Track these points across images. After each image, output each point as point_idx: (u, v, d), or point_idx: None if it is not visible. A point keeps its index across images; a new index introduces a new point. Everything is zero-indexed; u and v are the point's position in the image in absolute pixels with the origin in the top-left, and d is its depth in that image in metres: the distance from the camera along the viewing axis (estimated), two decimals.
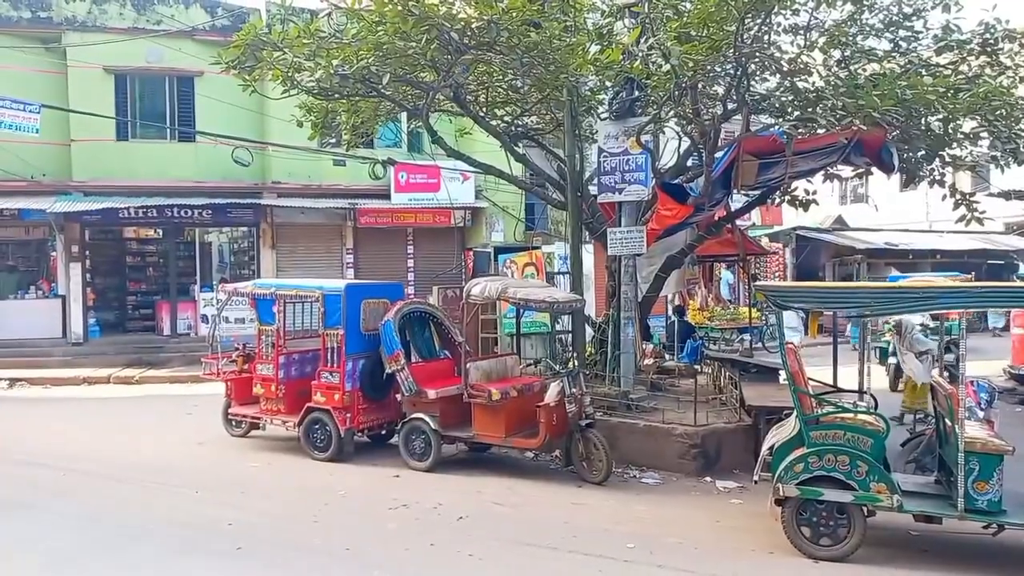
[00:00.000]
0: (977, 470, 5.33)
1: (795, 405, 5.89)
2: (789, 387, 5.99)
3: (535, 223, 18.98)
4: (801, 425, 5.80)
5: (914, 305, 5.99)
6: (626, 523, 6.50)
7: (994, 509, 5.33)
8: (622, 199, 9.51)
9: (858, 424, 5.72)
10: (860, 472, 5.53)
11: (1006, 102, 8.51)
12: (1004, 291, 6.15)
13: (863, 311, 6.10)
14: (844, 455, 5.60)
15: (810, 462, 5.65)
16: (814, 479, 5.63)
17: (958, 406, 5.39)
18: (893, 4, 9.51)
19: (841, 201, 28.69)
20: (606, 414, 8.71)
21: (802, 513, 5.71)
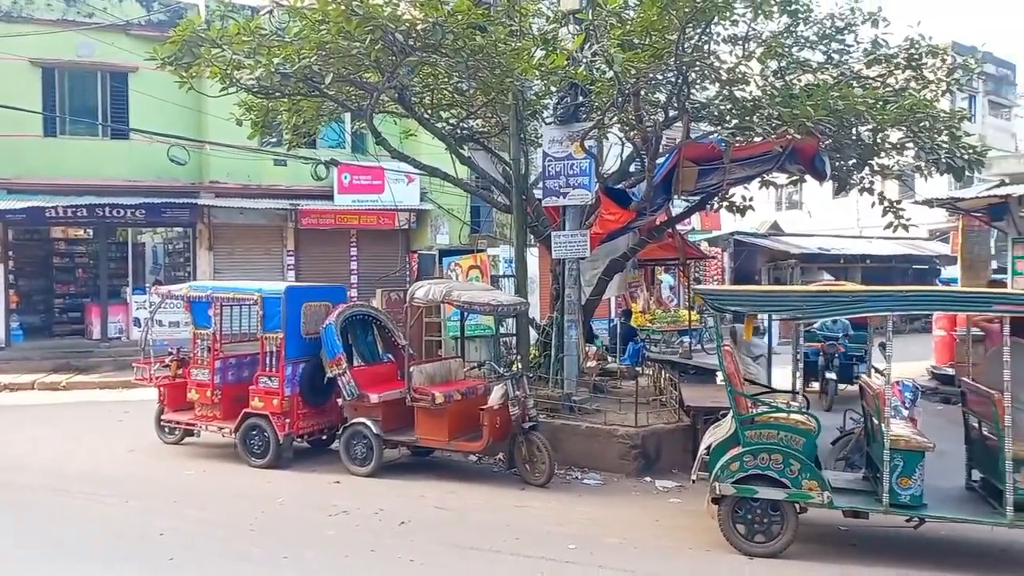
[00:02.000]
0: (901, 466, 5.54)
1: (731, 405, 6.03)
2: (725, 388, 6.12)
3: (480, 226, 18.98)
4: (737, 425, 5.93)
5: (843, 308, 6.19)
6: (568, 524, 6.54)
7: (916, 503, 5.55)
8: (566, 203, 9.59)
9: (791, 423, 5.88)
10: (793, 470, 5.69)
11: (929, 115, 8.94)
12: (926, 295, 6.44)
13: (795, 314, 6.30)
14: (778, 454, 5.75)
15: (745, 461, 5.78)
16: (749, 477, 5.76)
17: (884, 405, 5.60)
18: (826, 18, 9.87)
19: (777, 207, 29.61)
20: (549, 416, 8.76)
21: (737, 511, 5.84)
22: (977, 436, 6.06)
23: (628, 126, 10.38)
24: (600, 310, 15.16)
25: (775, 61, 9.56)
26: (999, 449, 5.35)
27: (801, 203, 30.15)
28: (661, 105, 9.78)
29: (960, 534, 6.10)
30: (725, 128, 9.45)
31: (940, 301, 6.44)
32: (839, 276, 23.47)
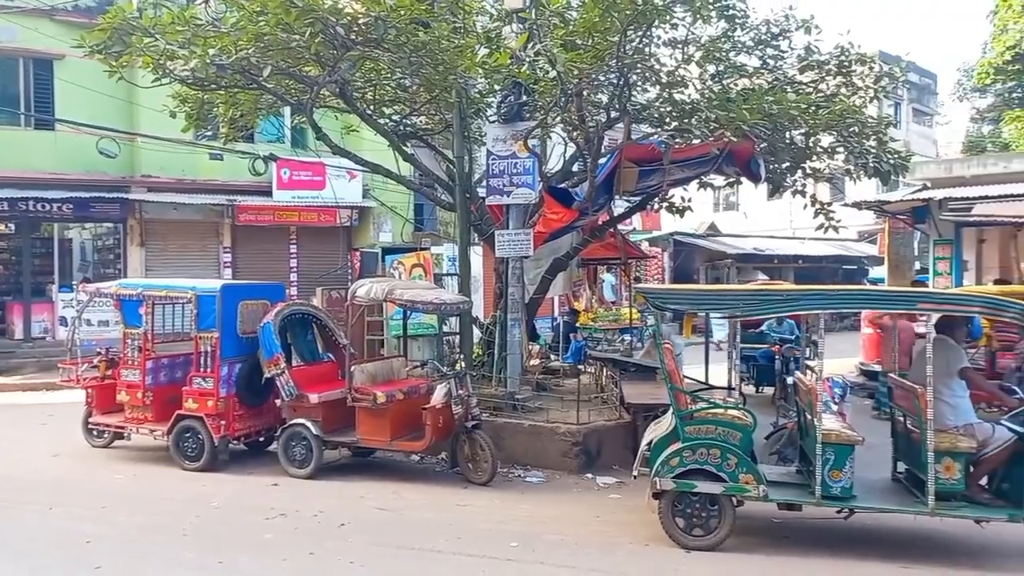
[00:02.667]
0: (832, 460, 5.71)
1: (671, 401, 6.12)
2: (666, 384, 6.21)
3: (424, 224, 18.86)
4: (676, 421, 6.03)
5: (778, 306, 6.36)
6: (510, 522, 6.56)
7: (846, 495, 5.72)
8: (510, 202, 9.61)
9: (728, 419, 6.00)
10: (730, 464, 5.80)
11: (858, 120, 9.28)
12: (855, 294, 6.70)
13: (733, 312, 6.46)
14: (716, 448, 5.86)
15: (684, 456, 5.88)
16: (688, 472, 5.86)
17: (816, 401, 5.79)
18: (762, 24, 10.14)
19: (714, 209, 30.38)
20: (492, 415, 8.76)
21: (677, 505, 5.93)
22: (902, 430, 6.30)
23: (571, 126, 10.46)
24: (543, 309, 15.25)
25: (713, 65, 9.77)
26: (922, 442, 5.58)
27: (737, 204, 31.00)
28: (603, 106, 9.89)
29: (887, 524, 6.34)
30: (665, 130, 9.62)
31: (868, 300, 6.71)
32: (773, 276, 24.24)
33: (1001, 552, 5.85)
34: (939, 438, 5.53)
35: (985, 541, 5.96)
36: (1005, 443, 5.57)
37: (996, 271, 14.04)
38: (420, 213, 19.00)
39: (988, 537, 5.95)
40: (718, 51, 9.38)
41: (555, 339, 14.41)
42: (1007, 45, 18.57)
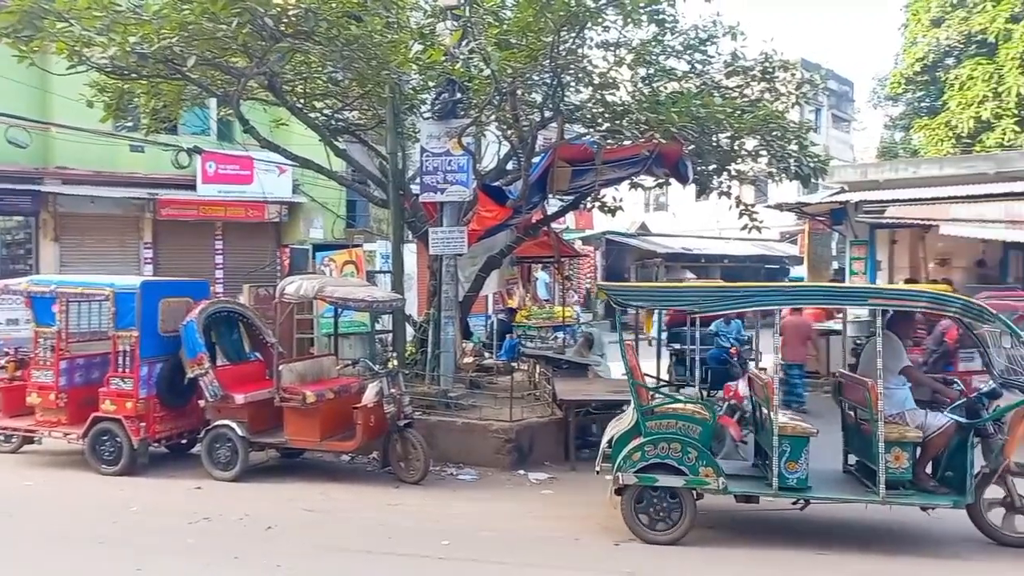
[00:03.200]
0: (788, 452, 5.80)
1: (633, 397, 6.13)
2: (628, 380, 6.21)
3: (356, 220, 18.58)
4: (638, 416, 6.04)
5: (737, 303, 6.42)
6: (442, 520, 6.54)
7: (802, 486, 5.80)
8: (444, 199, 9.58)
9: (688, 413, 6.06)
10: (690, 458, 5.85)
11: (780, 125, 9.65)
12: (810, 290, 6.93)
13: (693, 308, 6.54)
14: (676, 443, 5.88)
15: (646, 451, 5.91)
16: (650, 467, 5.89)
17: (772, 395, 5.87)
18: (691, 29, 10.40)
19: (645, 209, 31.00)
20: (425, 413, 8.72)
21: (639, 500, 5.96)
22: (852, 422, 6.39)
23: (505, 125, 10.51)
24: (477, 306, 15.25)
25: (643, 68, 9.96)
26: (873, 433, 5.72)
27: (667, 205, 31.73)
28: (537, 105, 9.97)
29: (840, 513, 6.45)
30: (597, 131, 9.78)
31: (821, 295, 6.78)
32: (700, 274, 24.93)
33: (944, 539, 6.05)
34: (888, 428, 5.68)
35: (930, 527, 6.18)
36: (941, 428, 5.79)
37: (907, 270, 14.82)
38: (352, 209, 18.71)
39: (933, 523, 6.16)
40: (648, 54, 9.57)
41: (489, 337, 14.44)
42: (916, 57, 19.61)
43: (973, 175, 13.34)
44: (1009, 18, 17.38)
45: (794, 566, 5.61)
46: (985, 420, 5.82)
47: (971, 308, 5.72)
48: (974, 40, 18.31)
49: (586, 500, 7.16)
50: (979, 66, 17.96)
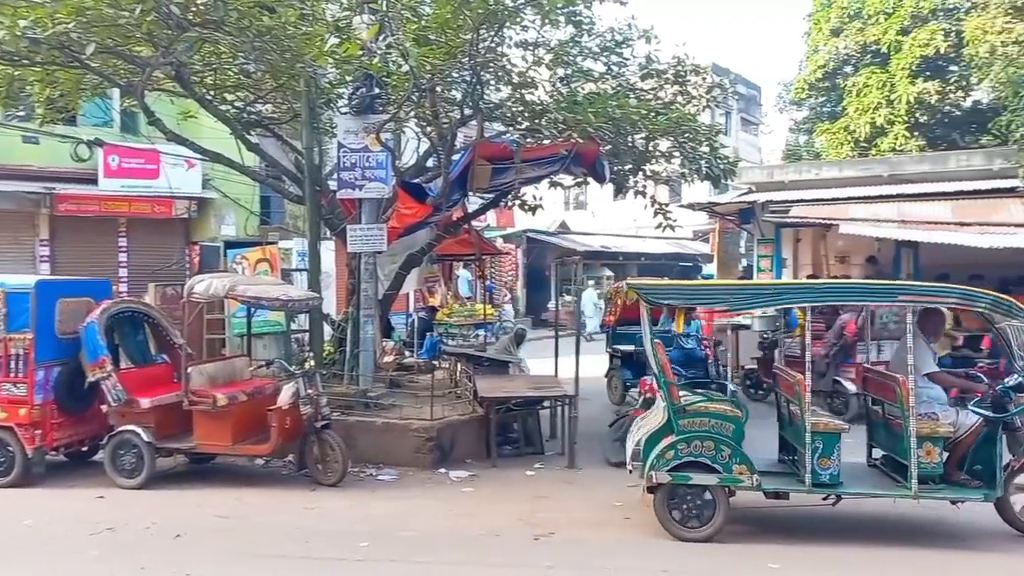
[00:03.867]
0: (821, 448, 5.77)
1: (665, 396, 6.11)
2: (658, 379, 6.16)
3: (271, 217, 18.02)
4: (671, 414, 6.02)
5: (767, 300, 6.43)
6: (361, 522, 6.45)
7: (835, 482, 5.84)
8: (362, 196, 9.43)
9: (721, 411, 6.08)
10: (724, 456, 5.84)
11: (692, 127, 9.97)
12: (840, 287, 6.98)
13: (725, 306, 6.53)
14: (709, 440, 5.89)
15: (679, 449, 5.90)
16: (683, 465, 5.89)
17: (805, 392, 5.86)
18: (607, 31, 10.62)
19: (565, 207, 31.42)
20: (344, 414, 8.57)
21: (672, 498, 5.96)
22: (878, 417, 6.42)
23: (425, 121, 10.43)
24: (399, 305, 15.09)
25: (562, 68, 10.11)
26: (904, 428, 5.74)
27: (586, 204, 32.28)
28: (457, 103, 9.94)
29: (858, 509, 6.42)
30: (517, 129, 9.85)
31: (852, 292, 6.82)
32: (618, 272, 25.47)
33: (977, 533, 6.12)
34: (919, 424, 5.70)
35: (958, 521, 6.25)
36: (972, 427, 5.85)
37: (809, 268, 15.59)
38: (267, 206, 18.13)
39: (961, 517, 6.23)
40: (566, 55, 9.72)
41: (410, 335, 14.31)
42: (818, 64, 20.63)
43: (869, 177, 14.18)
44: (900, 30, 18.52)
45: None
46: (1015, 414, 5.86)
47: (1001, 303, 5.76)
48: (869, 50, 19.42)
49: (507, 496, 7.23)
50: (873, 75, 19.07)
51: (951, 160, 14.17)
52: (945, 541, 6.05)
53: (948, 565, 5.61)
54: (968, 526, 6.24)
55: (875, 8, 19.29)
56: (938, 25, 17.87)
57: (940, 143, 18.53)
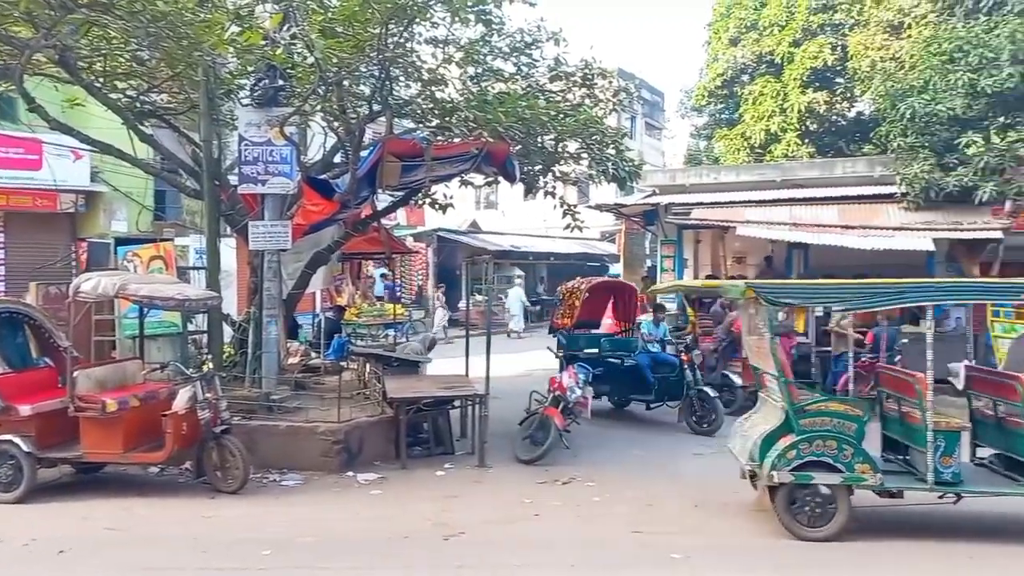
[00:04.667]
0: (943, 446, 5.78)
1: (784, 395, 6.08)
2: (779, 379, 6.09)
3: (166, 212, 17.14)
4: (791, 414, 6.00)
5: (888, 299, 6.39)
6: (264, 529, 6.23)
7: (956, 480, 5.85)
8: (266, 191, 9.10)
9: (842, 410, 6.06)
10: (846, 455, 5.86)
11: (599, 130, 10.17)
12: (963, 286, 6.97)
13: (845, 305, 6.49)
14: (832, 440, 5.89)
15: (801, 449, 5.88)
16: (805, 464, 5.86)
17: (926, 390, 5.85)
18: (517, 32, 10.68)
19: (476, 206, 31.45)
20: (245, 418, 8.26)
21: (794, 498, 5.94)
22: (991, 417, 6.33)
23: (332, 116, 10.17)
24: (305, 304, 14.69)
25: (472, 67, 10.10)
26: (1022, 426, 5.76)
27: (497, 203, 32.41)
28: (365, 98, 9.76)
29: (953, 509, 6.29)
30: (427, 126, 9.76)
31: (975, 291, 6.79)
32: (528, 272, 25.72)
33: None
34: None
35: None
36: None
37: (709, 268, 16.25)
38: (162, 200, 17.23)
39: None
40: (476, 54, 9.71)
41: (317, 336, 13.94)
42: (717, 72, 21.52)
43: (763, 182, 14.91)
44: (792, 43, 19.57)
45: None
46: None
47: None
48: (764, 60, 20.41)
49: (417, 497, 7.16)
50: (768, 84, 20.06)
51: (838, 167, 15.11)
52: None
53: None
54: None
55: (770, 20, 20.28)
56: (826, 39, 18.97)
57: (828, 150, 19.67)
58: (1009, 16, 12.00)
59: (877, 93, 14.75)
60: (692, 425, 10.04)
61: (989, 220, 12.01)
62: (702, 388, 10.04)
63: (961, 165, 12.11)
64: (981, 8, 12.57)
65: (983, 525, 6.35)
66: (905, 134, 12.65)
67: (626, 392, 11.05)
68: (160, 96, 11.11)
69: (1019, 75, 11.60)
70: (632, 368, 10.60)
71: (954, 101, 11.94)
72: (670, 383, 10.27)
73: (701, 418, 10.01)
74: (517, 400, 9.58)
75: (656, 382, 10.33)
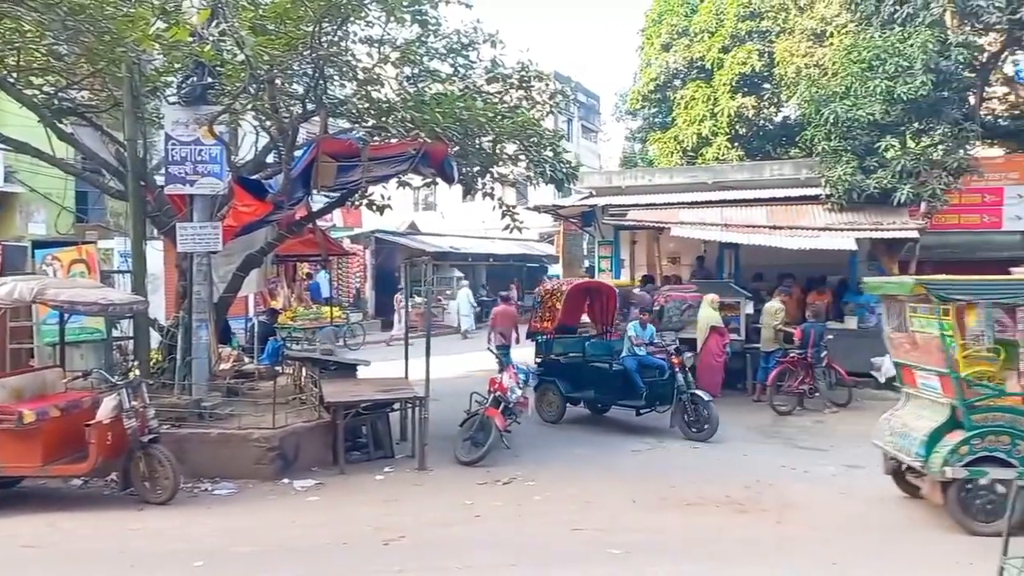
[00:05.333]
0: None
1: (956, 391, 6.03)
2: (951, 375, 6.05)
3: (88, 214, 16.42)
4: (963, 410, 6.00)
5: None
6: (196, 541, 6.03)
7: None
8: (194, 192, 8.84)
9: (1015, 405, 6.06)
10: (1020, 450, 5.87)
11: (537, 131, 10.24)
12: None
13: (1016, 301, 6.44)
14: (1005, 435, 5.89)
15: (973, 444, 5.88)
16: (978, 460, 5.85)
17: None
18: (453, 33, 10.66)
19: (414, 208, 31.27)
20: (175, 426, 7.99)
21: (965, 493, 5.94)
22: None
23: (264, 115, 9.94)
24: (238, 308, 14.29)
25: (409, 68, 10.02)
26: None
27: (436, 205, 32.28)
28: (299, 97, 9.57)
29: None
30: (363, 127, 9.63)
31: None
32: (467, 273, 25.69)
33: None
34: None
35: None
36: None
37: (645, 268, 16.58)
38: (83, 201, 16.50)
39: None
40: (413, 54, 9.63)
41: (250, 340, 13.58)
42: (650, 77, 21.93)
43: (696, 184, 15.30)
44: (721, 49, 20.12)
45: None
46: None
47: None
48: (695, 65, 20.92)
49: (356, 502, 7.07)
50: (699, 89, 20.57)
51: (766, 169, 15.63)
52: None
53: None
54: None
55: (700, 27, 20.81)
56: (754, 46, 19.57)
57: (757, 154, 20.28)
58: (920, 27, 12.63)
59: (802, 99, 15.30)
60: (685, 430, 9.61)
61: (906, 221, 12.63)
62: (695, 392, 9.63)
63: (880, 168, 12.69)
64: (896, 19, 13.16)
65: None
66: (829, 138, 13.17)
67: (613, 398, 10.39)
68: (80, 93, 10.64)
69: (931, 83, 12.22)
70: (620, 373, 10.17)
71: (873, 107, 12.49)
72: (659, 387, 9.78)
73: (694, 422, 9.58)
74: (458, 401, 9.56)
75: (645, 387, 9.84)
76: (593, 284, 12.59)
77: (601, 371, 10.51)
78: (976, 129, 13.38)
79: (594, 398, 10.73)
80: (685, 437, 9.56)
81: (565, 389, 10.64)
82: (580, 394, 10.68)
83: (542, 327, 11.41)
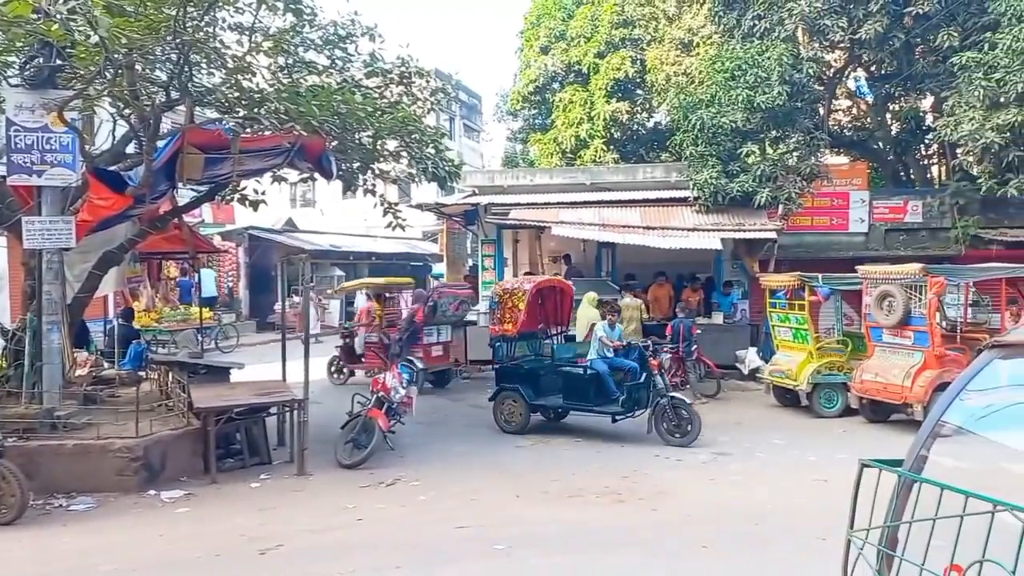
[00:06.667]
0: None
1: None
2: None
3: None
4: None
5: None
6: (50, 563, 5.54)
7: None
8: (43, 183, 8.10)
9: None
10: None
11: (418, 128, 10.17)
12: None
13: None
14: None
15: None
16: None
17: None
18: (330, 24, 10.37)
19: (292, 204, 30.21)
20: (23, 438, 7.32)
21: None
22: None
23: (122, 102, 9.26)
24: (96, 309, 13.25)
25: (282, 57, 9.66)
26: None
27: (315, 201, 31.31)
28: (162, 84, 9.00)
29: None
30: (233, 117, 9.19)
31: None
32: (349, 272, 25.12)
33: None
34: None
35: None
36: None
37: (527, 266, 16.83)
38: None
39: None
40: (287, 44, 9.30)
41: (110, 344, 12.61)
42: (530, 79, 22.33)
43: (575, 184, 15.73)
44: (597, 54, 20.79)
45: None
46: None
47: None
48: (573, 69, 21.49)
49: (230, 512, 6.74)
50: (577, 92, 21.16)
51: (639, 172, 16.30)
52: None
53: None
54: None
55: (576, 32, 21.39)
56: (627, 53, 20.35)
57: (631, 157, 21.11)
58: (776, 41, 13.60)
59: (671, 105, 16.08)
60: (665, 436, 8.91)
61: (766, 222, 13.57)
62: (675, 395, 9.05)
63: (743, 172, 13.57)
64: (755, 33, 14.10)
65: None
66: (696, 143, 13.92)
67: (586, 404, 9.51)
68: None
69: (786, 94, 13.20)
70: (592, 377, 9.44)
71: (735, 115, 13.33)
72: (636, 391, 9.12)
73: (675, 427, 8.90)
74: (339, 403, 9.33)
75: (621, 391, 9.18)
76: (548, 282, 11.43)
77: (570, 376, 9.72)
78: (825, 138, 14.59)
79: (563, 405, 9.84)
80: (665, 443, 8.88)
81: (529, 396, 9.71)
82: (546, 401, 9.84)
83: (503, 330, 10.34)
